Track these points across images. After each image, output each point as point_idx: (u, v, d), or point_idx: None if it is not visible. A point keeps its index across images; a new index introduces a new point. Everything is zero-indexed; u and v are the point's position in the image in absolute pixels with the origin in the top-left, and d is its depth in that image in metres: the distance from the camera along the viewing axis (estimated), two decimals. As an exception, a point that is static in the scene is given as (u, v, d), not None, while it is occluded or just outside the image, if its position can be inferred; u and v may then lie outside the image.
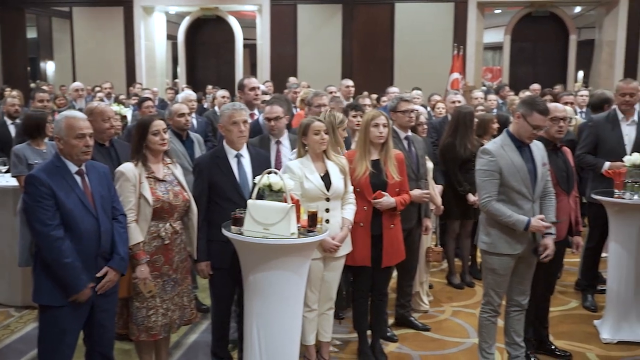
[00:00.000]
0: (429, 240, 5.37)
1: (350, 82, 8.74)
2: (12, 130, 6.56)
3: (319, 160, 4.04)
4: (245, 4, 16.07)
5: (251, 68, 17.53)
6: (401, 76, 14.70)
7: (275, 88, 10.55)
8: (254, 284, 3.48)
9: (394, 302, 5.09)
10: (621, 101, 5.23)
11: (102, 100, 9.78)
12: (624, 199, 4.59)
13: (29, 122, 5.19)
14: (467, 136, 5.75)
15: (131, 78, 15.43)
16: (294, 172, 3.91)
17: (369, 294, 4.42)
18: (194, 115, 6.45)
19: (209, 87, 12.94)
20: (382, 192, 4.13)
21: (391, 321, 5.01)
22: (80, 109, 5.10)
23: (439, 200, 5.38)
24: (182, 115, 5.24)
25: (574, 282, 5.96)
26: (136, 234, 3.56)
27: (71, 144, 3.25)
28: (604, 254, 5.53)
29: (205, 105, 10.71)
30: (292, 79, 11.39)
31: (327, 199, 3.95)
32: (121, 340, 4.15)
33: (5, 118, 6.75)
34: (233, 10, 16.58)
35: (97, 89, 11.42)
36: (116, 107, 6.43)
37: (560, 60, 16.15)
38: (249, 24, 16.71)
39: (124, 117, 6.77)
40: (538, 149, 3.94)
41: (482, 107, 7.32)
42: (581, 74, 16.94)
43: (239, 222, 3.45)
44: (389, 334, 4.78)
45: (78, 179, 3.30)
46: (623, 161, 4.68)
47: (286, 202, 3.36)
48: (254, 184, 3.55)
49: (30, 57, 16.99)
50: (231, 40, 16.74)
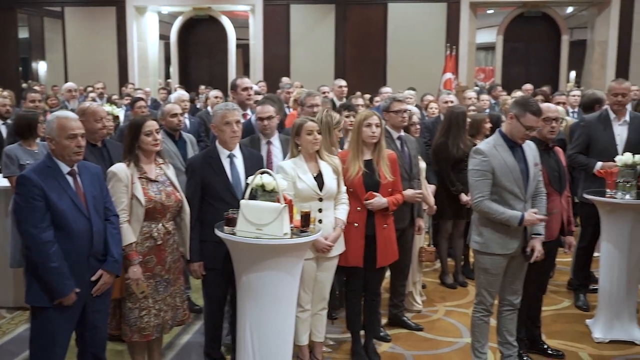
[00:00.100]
0: (421, 240, 5.38)
1: (343, 82, 8.76)
2: (4, 130, 6.53)
3: (312, 160, 4.03)
4: (238, 4, 16.04)
5: (244, 68, 17.50)
6: (394, 76, 14.69)
7: (268, 88, 10.54)
8: (246, 285, 3.48)
9: (387, 302, 5.10)
10: (613, 101, 5.25)
11: (94, 100, 9.73)
12: (615, 198, 4.62)
13: (21, 123, 5.16)
14: (460, 136, 5.76)
15: (123, 78, 15.36)
16: (286, 172, 3.91)
17: (362, 294, 4.42)
18: (186, 115, 6.43)
19: (202, 87, 12.89)
20: (374, 193, 4.13)
21: (384, 321, 5.01)
22: (73, 110, 5.07)
23: (431, 200, 5.38)
24: (175, 115, 5.23)
25: (566, 282, 5.98)
26: (128, 235, 3.55)
27: (63, 144, 3.24)
28: (596, 254, 5.56)
29: (198, 106, 10.67)
30: (285, 79, 11.36)
31: (320, 199, 3.95)
32: (114, 341, 4.14)
33: (-3, 118, 6.72)
34: (226, 10, 16.55)
35: (90, 89, 11.37)
36: (108, 108, 6.41)
37: (553, 61, 16.19)
38: (241, 24, 16.67)
39: (116, 118, 6.74)
40: (530, 149, 3.95)
41: (474, 107, 7.33)
42: (573, 74, 16.98)
43: (231, 222, 3.45)
44: (382, 333, 4.79)
45: (70, 179, 3.29)
46: (615, 161, 4.70)
47: (279, 202, 3.36)
48: (247, 184, 3.55)
49: (22, 57, 16.87)
50: (224, 40, 16.70)
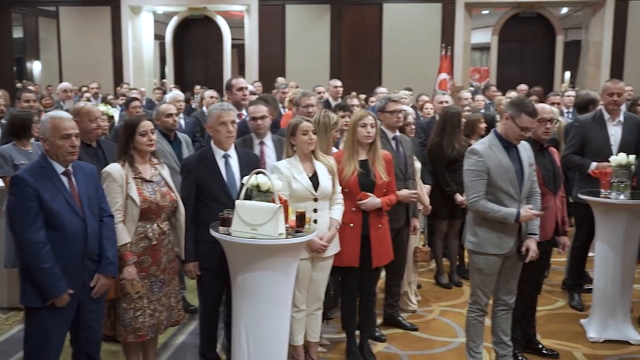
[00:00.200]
0: (416, 240, 5.38)
1: (338, 83, 8.77)
2: (-2, 130, 6.50)
3: (307, 160, 4.03)
4: (233, 4, 16.02)
5: (239, 68, 17.48)
6: (389, 76, 14.70)
7: (263, 88, 10.53)
8: (242, 285, 3.48)
9: (382, 302, 5.11)
10: (609, 101, 5.25)
11: (89, 100, 9.70)
12: (610, 198, 4.63)
13: (15, 122, 5.14)
14: (455, 136, 5.76)
15: (118, 78, 15.32)
16: (281, 172, 3.91)
17: (357, 294, 4.42)
18: (181, 115, 6.41)
19: (197, 87, 12.86)
20: (367, 193, 4.14)
21: (379, 321, 5.01)
22: (68, 110, 5.05)
23: (426, 200, 5.38)
24: (170, 115, 5.22)
25: (561, 282, 5.99)
26: (123, 235, 3.54)
27: (57, 144, 3.23)
28: (590, 254, 5.56)
29: (193, 106, 10.66)
30: (280, 79, 11.35)
31: (315, 199, 3.95)
32: (108, 341, 4.12)
33: (-9, 118, 6.69)
34: (221, 10, 16.53)
35: (84, 89, 11.34)
36: (103, 108, 6.37)
37: (547, 61, 16.23)
38: (237, 24, 16.65)
39: (111, 118, 6.72)
40: (525, 149, 3.95)
41: (469, 107, 7.33)
42: (568, 74, 17.02)
43: (226, 222, 3.44)
44: (377, 333, 4.79)
45: (65, 179, 3.28)
46: (609, 161, 4.71)
47: (274, 202, 3.36)
48: (242, 184, 3.54)
49: (16, 57, 16.83)
50: (219, 40, 16.68)
